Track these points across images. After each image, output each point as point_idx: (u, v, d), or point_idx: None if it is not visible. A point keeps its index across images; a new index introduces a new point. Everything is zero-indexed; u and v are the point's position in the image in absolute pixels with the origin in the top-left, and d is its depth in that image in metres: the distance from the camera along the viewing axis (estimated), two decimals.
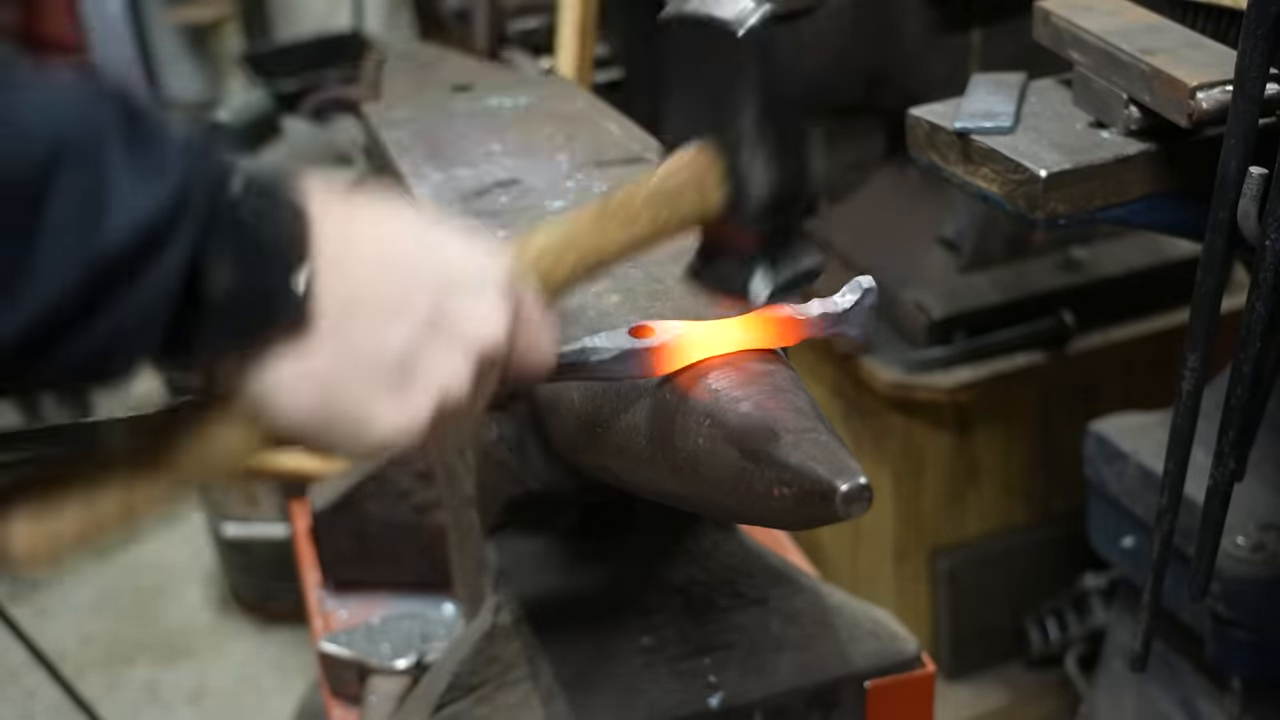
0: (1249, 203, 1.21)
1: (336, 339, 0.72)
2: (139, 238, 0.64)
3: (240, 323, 0.69)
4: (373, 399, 0.73)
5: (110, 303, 0.64)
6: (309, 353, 0.71)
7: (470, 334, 0.76)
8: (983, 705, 2.36)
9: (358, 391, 0.73)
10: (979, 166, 1.38)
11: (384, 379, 0.73)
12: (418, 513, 1.60)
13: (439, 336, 0.74)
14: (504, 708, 1.26)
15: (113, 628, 3.13)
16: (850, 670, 1.30)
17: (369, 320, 0.72)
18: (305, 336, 0.71)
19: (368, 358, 0.72)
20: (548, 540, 1.29)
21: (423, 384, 0.74)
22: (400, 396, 0.74)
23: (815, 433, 0.83)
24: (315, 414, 0.73)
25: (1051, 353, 2.23)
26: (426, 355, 0.74)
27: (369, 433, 0.74)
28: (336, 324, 0.71)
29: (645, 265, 1.08)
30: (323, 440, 0.74)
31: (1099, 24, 1.39)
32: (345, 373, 0.72)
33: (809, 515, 0.82)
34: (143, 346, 0.67)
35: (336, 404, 0.73)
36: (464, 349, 0.75)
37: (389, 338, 0.73)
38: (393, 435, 0.74)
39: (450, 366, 0.75)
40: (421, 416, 0.75)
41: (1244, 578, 1.60)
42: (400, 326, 0.73)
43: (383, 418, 0.74)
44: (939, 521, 2.31)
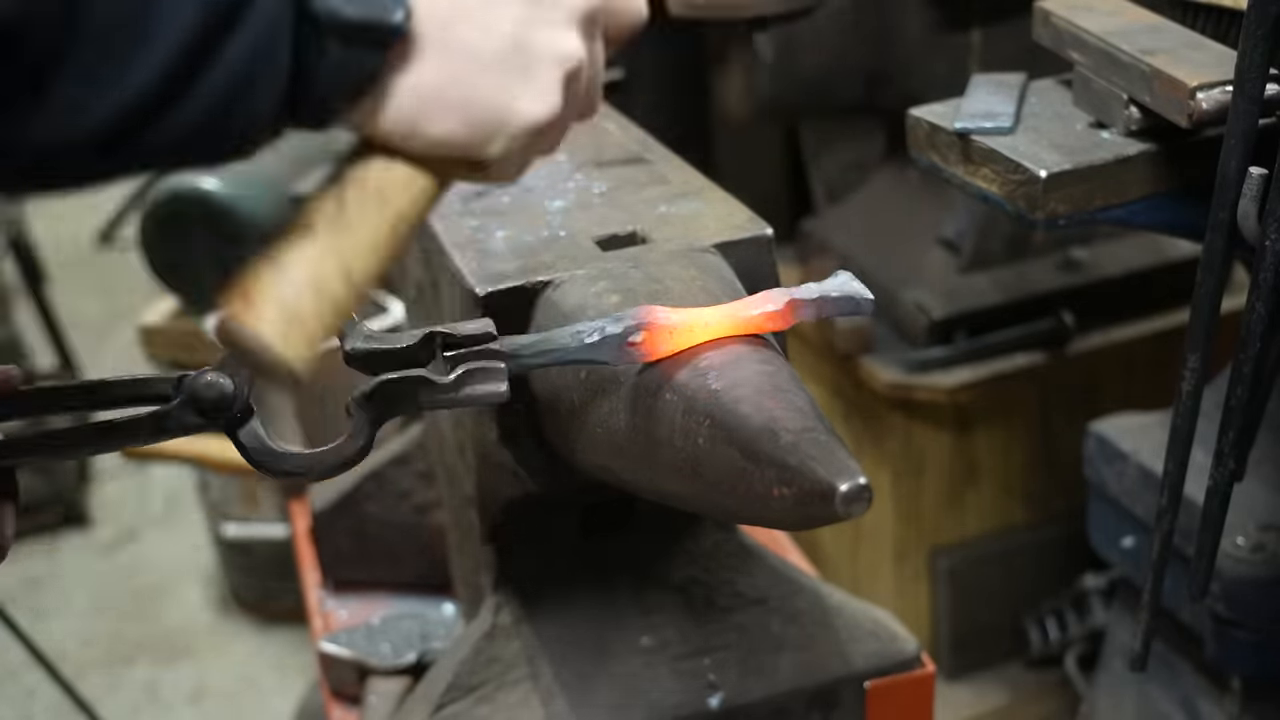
0: (1249, 203, 1.21)
1: (450, 43, 0.74)
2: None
3: (357, 49, 0.71)
4: (507, 90, 0.75)
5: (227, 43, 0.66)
6: (429, 66, 0.73)
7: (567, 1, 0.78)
8: (983, 705, 2.36)
9: (489, 88, 0.75)
10: (979, 167, 1.38)
11: (508, 68, 0.75)
12: (418, 513, 1.60)
13: (541, 11, 0.77)
14: (504, 708, 1.26)
15: (113, 628, 3.13)
16: (850, 670, 1.30)
17: (471, 14, 0.75)
18: (419, 51, 0.73)
19: (486, 53, 0.75)
20: (547, 540, 1.29)
21: (544, 60, 0.76)
22: (530, 79, 0.76)
23: (815, 433, 0.83)
24: (458, 127, 0.75)
25: (1051, 353, 2.23)
26: (536, 32, 0.76)
27: (515, 122, 0.76)
28: (444, 29, 0.74)
29: (645, 265, 1.08)
30: (476, 150, 0.76)
31: (1099, 24, 1.40)
32: (470, 74, 0.74)
33: (809, 515, 0.82)
34: (264, 87, 0.68)
35: (475, 107, 0.75)
36: (567, 15, 0.78)
37: (497, 28, 0.75)
38: (540, 119, 0.77)
39: (561, 35, 0.77)
40: (555, 93, 0.77)
41: (1244, 578, 1.60)
42: (502, 10, 0.75)
43: (524, 105, 0.76)
44: (939, 521, 2.31)
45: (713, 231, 1.16)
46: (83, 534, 3.42)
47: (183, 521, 3.39)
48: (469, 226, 1.22)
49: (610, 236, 1.17)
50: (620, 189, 1.27)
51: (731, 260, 1.13)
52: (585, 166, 1.34)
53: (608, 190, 1.27)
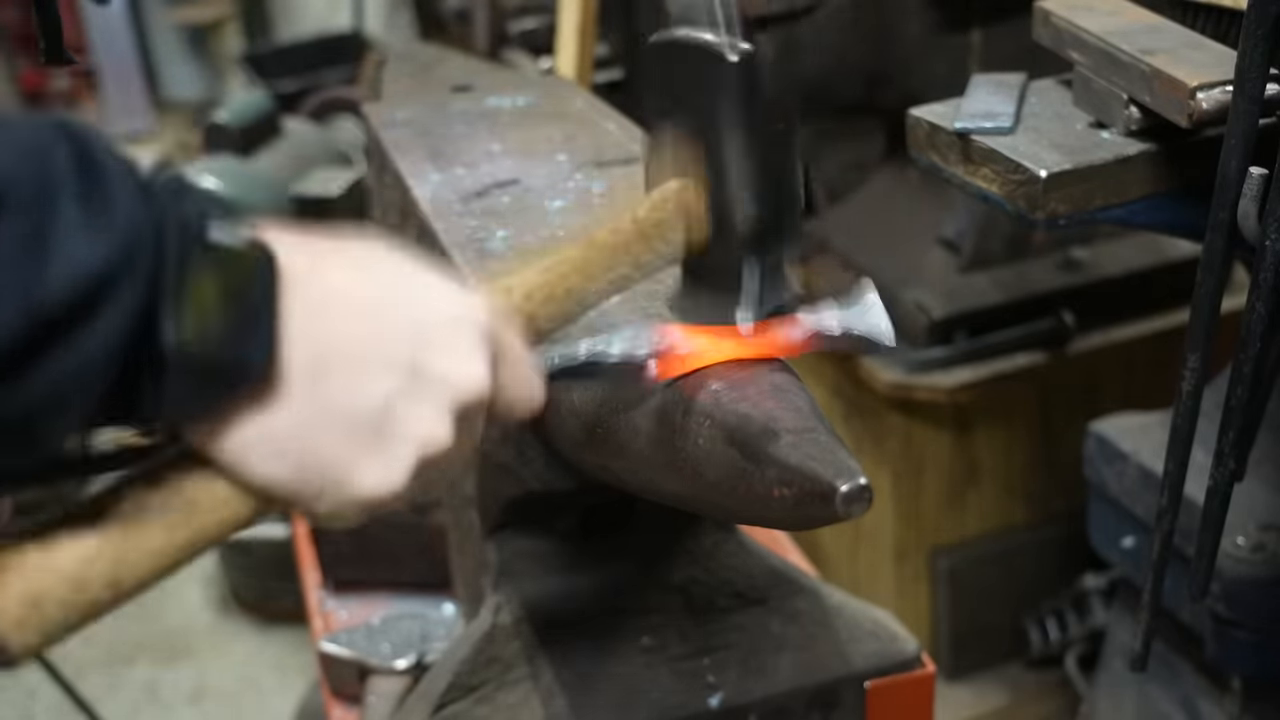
0: (1249, 203, 1.21)
1: (309, 397, 0.68)
2: (80, 290, 0.59)
3: (203, 382, 0.65)
4: (352, 459, 0.69)
5: (46, 358, 0.60)
6: (280, 412, 0.67)
7: (451, 383, 0.72)
8: (983, 705, 2.36)
9: (335, 451, 0.69)
10: (979, 167, 1.38)
11: (362, 436, 0.69)
12: (418, 513, 1.60)
13: (418, 387, 0.70)
14: (504, 708, 1.26)
15: (113, 628, 3.12)
16: (850, 670, 1.30)
17: (343, 375, 0.68)
18: (275, 395, 0.67)
19: (343, 415, 0.68)
20: (548, 540, 1.29)
21: (403, 439, 0.70)
22: (380, 454, 0.70)
23: (815, 433, 0.83)
24: (291, 477, 0.69)
25: (1051, 353, 2.23)
26: (406, 408, 0.70)
27: (350, 494, 0.70)
28: (308, 381, 0.67)
29: None
30: (302, 503, 0.71)
31: (1099, 24, 1.39)
32: (320, 432, 0.68)
33: (809, 515, 0.82)
34: (79, 406, 0.62)
35: (313, 466, 0.69)
36: (445, 399, 0.72)
37: (365, 392, 0.69)
38: (375, 495, 0.71)
39: (432, 418, 0.71)
40: (404, 472, 0.71)
41: (1244, 578, 1.60)
42: (377, 380, 0.69)
43: (364, 478, 0.70)
44: (939, 521, 2.31)
45: None
46: None
47: None
48: (469, 226, 1.22)
49: None
50: (620, 189, 1.27)
51: None
52: (585, 166, 1.34)
53: (608, 190, 1.27)
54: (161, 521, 0.69)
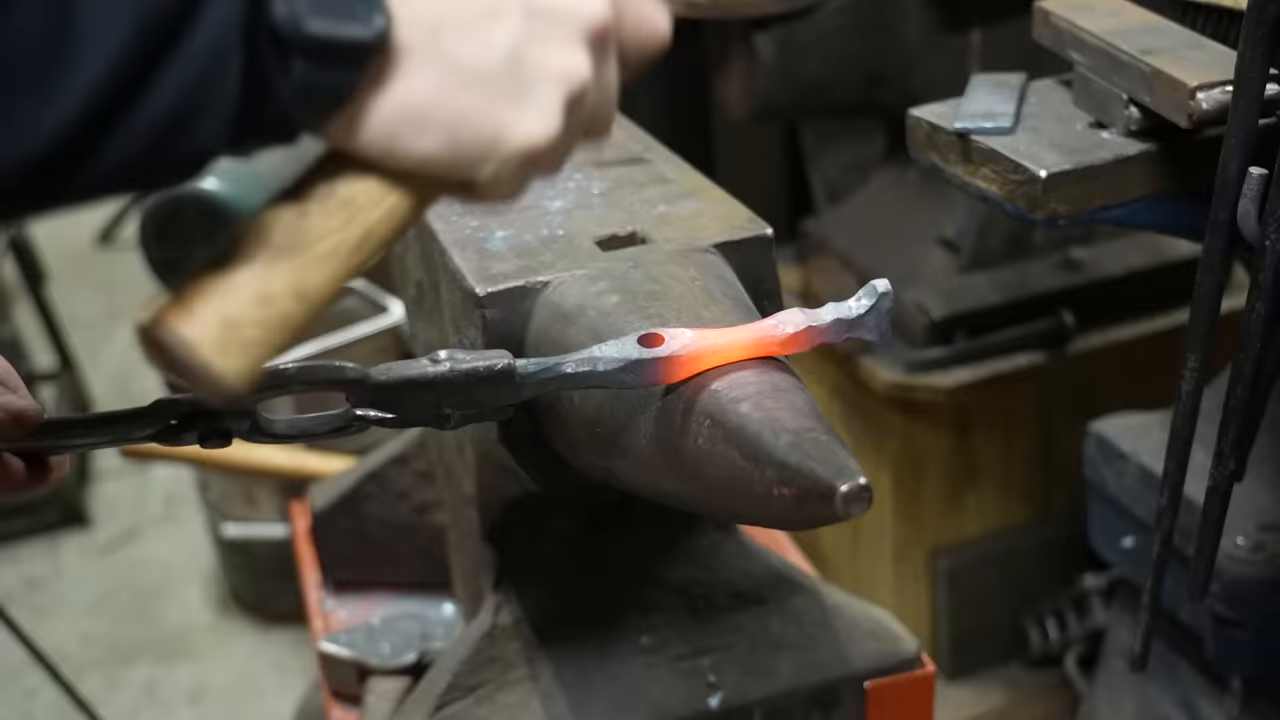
0: (1249, 203, 1.21)
1: (435, 59, 0.66)
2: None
3: (328, 60, 0.63)
4: (498, 112, 0.68)
5: (168, 65, 0.58)
6: (412, 81, 0.66)
7: (573, 13, 0.70)
8: (983, 705, 2.36)
9: (479, 109, 0.67)
10: (979, 166, 1.38)
11: (501, 87, 0.68)
12: (418, 513, 1.60)
13: (540, 24, 0.69)
14: (504, 708, 1.26)
15: (113, 628, 3.13)
16: (850, 670, 1.30)
17: (463, 26, 0.67)
18: (401, 65, 0.66)
19: (475, 69, 0.67)
20: (548, 540, 1.29)
21: (543, 80, 0.69)
22: (525, 100, 0.68)
23: (815, 433, 0.83)
24: (444, 147, 0.67)
25: (1051, 353, 2.23)
26: (534, 48, 0.68)
27: (509, 150, 0.69)
28: (430, 40, 0.66)
29: (645, 265, 1.08)
30: (463, 174, 0.69)
31: (1099, 24, 1.40)
32: (458, 92, 0.67)
33: (809, 515, 0.82)
34: (214, 104, 0.60)
35: (463, 129, 0.67)
36: (572, 30, 0.70)
37: (491, 39, 0.67)
38: (535, 144, 0.69)
39: (564, 53, 0.70)
40: (555, 114, 0.69)
41: (1244, 578, 1.60)
42: (495, 26, 0.68)
43: (517, 128, 0.68)
44: (939, 521, 2.31)
45: (713, 231, 1.16)
46: (83, 534, 3.42)
47: (182, 521, 3.39)
48: (469, 226, 1.22)
49: (610, 236, 1.17)
50: (620, 189, 1.27)
51: (731, 260, 1.13)
52: (585, 166, 1.34)
53: (608, 190, 1.27)
54: (326, 224, 0.69)
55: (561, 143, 0.71)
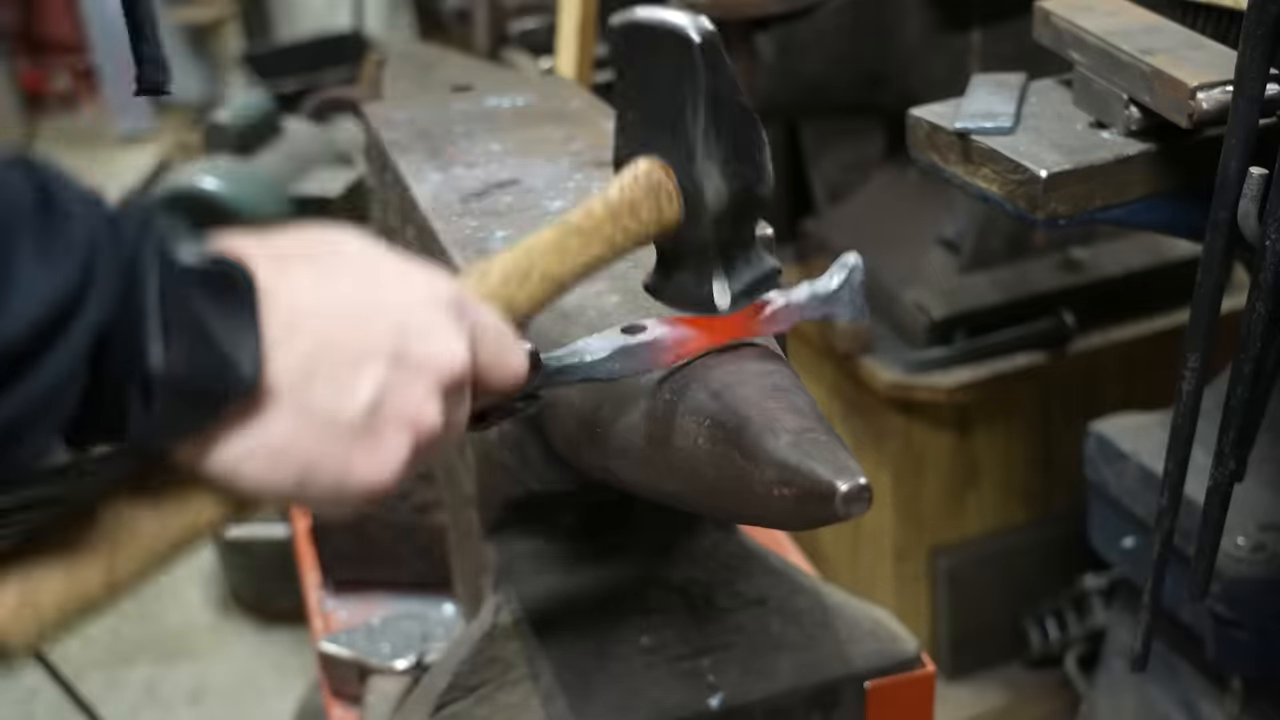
0: (1249, 203, 1.21)
1: (298, 405, 0.68)
2: (40, 320, 0.60)
3: (193, 400, 0.65)
4: (347, 457, 0.70)
5: (12, 388, 0.60)
6: (272, 423, 0.67)
7: (435, 364, 0.72)
8: (983, 705, 2.36)
9: (330, 453, 0.69)
10: (979, 167, 1.38)
11: (355, 434, 0.69)
12: (418, 513, 1.60)
13: (403, 375, 0.71)
14: (504, 708, 1.26)
15: (113, 628, 3.13)
16: (850, 670, 1.30)
17: (329, 377, 0.68)
18: (265, 408, 0.67)
19: (335, 417, 0.69)
20: (548, 540, 1.29)
21: (396, 428, 0.71)
22: (375, 446, 0.70)
23: (815, 433, 0.83)
24: (286, 483, 0.69)
25: (1051, 353, 2.23)
26: (394, 398, 0.70)
27: (348, 489, 0.70)
28: (296, 389, 0.68)
29: (645, 265, 1.08)
30: (300, 503, 0.72)
31: (1099, 24, 1.40)
32: (313, 437, 0.68)
33: (809, 515, 0.82)
34: (46, 427, 0.62)
35: (310, 470, 0.69)
36: (431, 380, 0.72)
37: (353, 391, 0.69)
38: (374, 486, 0.71)
39: (420, 402, 0.72)
40: (400, 460, 0.71)
41: (1244, 578, 1.60)
42: (362, 376, 0.69)
43: (361, 472, 0.70)
44: (939, 521, 2.31)
45: None
46: None
47: None
48: (469, 226, 1.22)
49: None
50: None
51: None
52: (585, 166, 1.34)
53: None
54: (155, 523, 0.69)
55: (400, 480, 0.73)
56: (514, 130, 1.47)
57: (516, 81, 1.81)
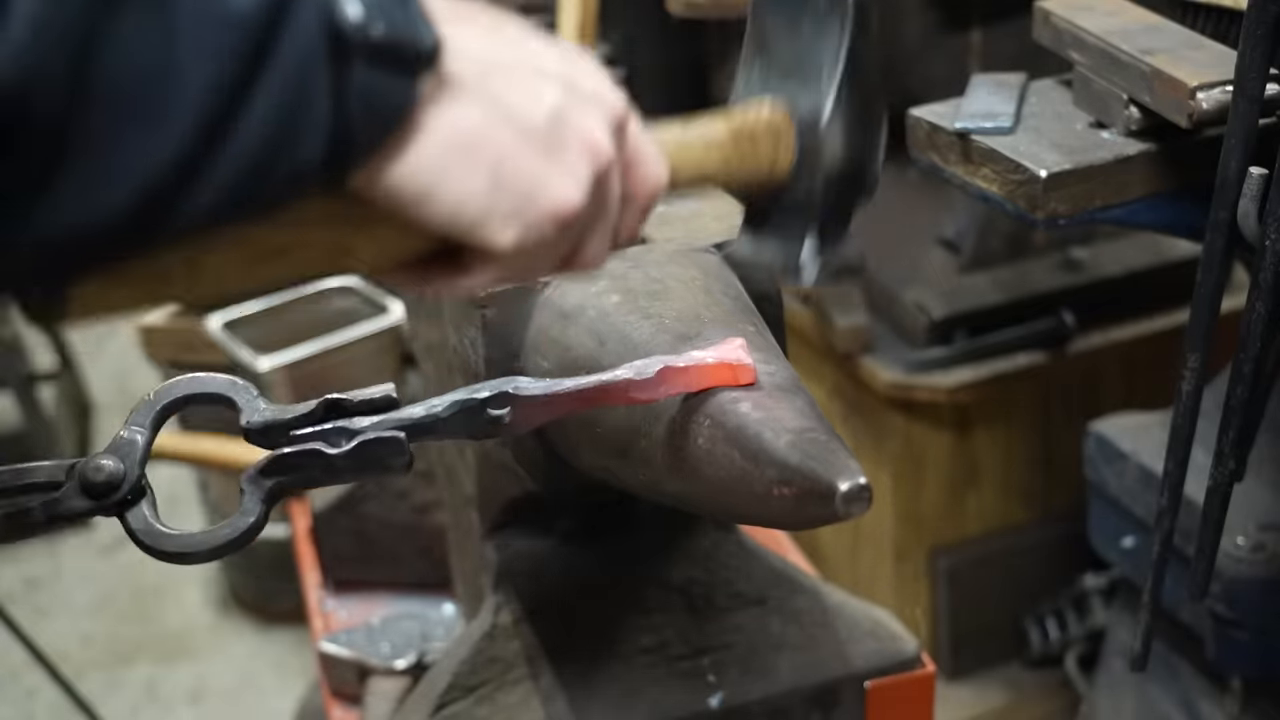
0: (1249, 203, 1.21)
1: (485, 93, 0.66)
2: None
3: (382, 75, 0.61)
4: (537, 164, 0.67)
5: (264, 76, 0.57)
6: (467, 110, 0.65)
7: (603, 99, 0.71)
8: (983, 705, 2.36)
9: (522, 156, 0.67)
10: (979, 166, 1.38)
11: (542, 140, 0.68)
12: (418, 513, 1.60)
13: (579, 98, 0.70)
14: (504, 708, 1.26)
15: (113, 628, 3.13)
16: (850, 670, 1.30)
17: (512, 74, 0.67)
18: (457, 92, 0.65)
19: (521, 114, 0.67)
20: (548, 540, 1.29)
21: (577, 146, 0.69)
22: (561, 160, 0.68)
23: (815, 433, 0.83)
24: (485, 186, 0.66)
25: (1051, 353, 2.23)
26: (573, 115, 0.69)
27: (540, 207, 0.68)
28: (483, 77, 0.66)
29: (645, 266, 1.08)
30: (491, 223, 0.67)
31: (1099, 24, 1.40)
32: (505, 131, 0.66)
33: (809, 515, 0.82)
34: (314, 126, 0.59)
35: (504, 169, 0.66)
36: (603, 112, 0.71)
37: (537, 95, 0.68)
38: (562, 205, 0.68)
39: (597, 127, 0.70)
40: (584, 183, 0.69)
41: (1244, 578, 1.60)
42: (544, 82, 0.68)
43: (550, 187, 0.68)
44: (939, 521, 2.31)
45: (713, 231, 1.15)
46: (83, 534, 3.42)
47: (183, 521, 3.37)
48: None
49: None
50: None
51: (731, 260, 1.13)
52: None
53: None
54: None
55: (582, 219, 0.70)
56: None
57: None
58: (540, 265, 0.72)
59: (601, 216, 0.73)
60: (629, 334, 0.99)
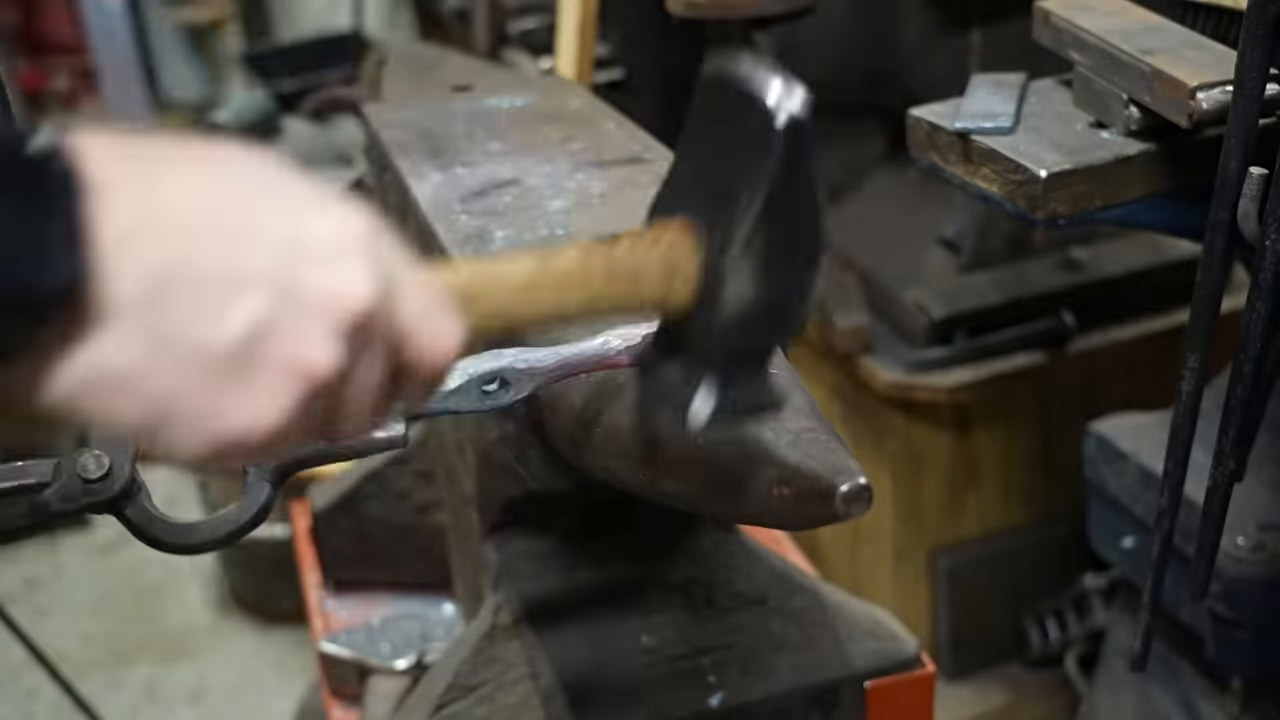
0: (1249, 203, 1.21)
1: (148, 327, 0.58)
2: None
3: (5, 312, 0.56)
4: (213, 396, 0.59)
5: None
6: (113, 345, 0.58)
7: (331, 298, 0.61)
8: (983, 705, 2.36)
9: (190, 389, 0.59)
10: (979, 167, 1.38)
11: (223, 370, 0.59)
12: (418, 513, 1.60)
13: (289, 307, 0.60)
14: (504, 708, 1.26)
15: (113, 628, 3.13)
16: (850, 670, 1.30)
17: (191, 300, 0.58)
18: (102, 326, 0.57)
19: (196, 347, 0.58)
20: (548, 540, 1.29)
21: (275, 369, 0.60)
22: (249, 388, 0.60)
23: (815, 433, 0.83)
24: (135, 419, 0.59)
25: (1051, 353, 2.23)
26: (275, 333, 0.60)
27: (215, 438, 0.60)
28: (145, 308, 0.58)
29: None
30: (161, 445, 0.61)
31: (1099, 24, 1.40)
32: (171, 368, 0.58)
33: (809, 515, 0.83)
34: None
35: (164, 407, 0.59)
36: (326, 318, 0.61)
37: (221, 319, 0.59)
38: (249, 434, 0.61)
39: (310, 342, 0.60)
40: (282, 408, 0.60)
41: (1244, 578, 1.60)
42: (235, 303, 0.59)
43: (230, 417, 0.60)
44: (939, 521, 2.31)
45: None
46: (83, 534, 3.42)
47: None
48: (469, 226, 1.22)
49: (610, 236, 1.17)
50: (620, 189, 1.27)
51: None
52: (585, 166, 1.34)
53: (608, 190, 1.27)
54: None
55: (284, 438, 0.62)
56: (514, 130, 1.47)
57: (516, 81, 1.81)
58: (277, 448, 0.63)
59: (335, 415, 0.64)
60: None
